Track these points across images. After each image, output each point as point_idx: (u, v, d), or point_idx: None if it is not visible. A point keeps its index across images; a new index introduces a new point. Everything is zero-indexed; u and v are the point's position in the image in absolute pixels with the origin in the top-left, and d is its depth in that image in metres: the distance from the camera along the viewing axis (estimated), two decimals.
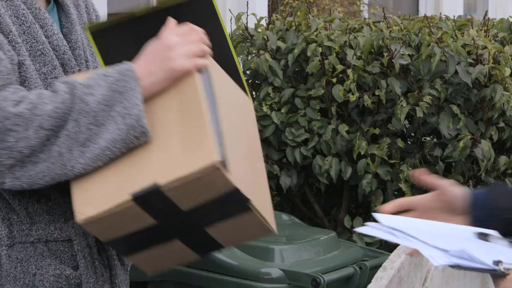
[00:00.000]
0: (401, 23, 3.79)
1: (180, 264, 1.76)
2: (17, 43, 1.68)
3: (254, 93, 3.81)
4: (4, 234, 1.70)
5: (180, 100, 1.61)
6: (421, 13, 7.82)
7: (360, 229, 1.48)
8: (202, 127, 1.54)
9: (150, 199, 1.52)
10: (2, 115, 1.57)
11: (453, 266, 1.33)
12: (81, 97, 1.59)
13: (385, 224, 1.48)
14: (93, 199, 1.54)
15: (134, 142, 1.59)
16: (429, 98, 3.47)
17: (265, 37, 3.80)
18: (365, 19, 4.25)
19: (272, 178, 3.74)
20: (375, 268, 3.04)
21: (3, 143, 1.58)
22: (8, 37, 1.67)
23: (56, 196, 1.72)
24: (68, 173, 1.60)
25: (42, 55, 1.72)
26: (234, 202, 1.57)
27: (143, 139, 1.59)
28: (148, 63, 1.64)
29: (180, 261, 1.71)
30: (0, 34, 1.65)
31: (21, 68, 1.67)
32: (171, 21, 1.68)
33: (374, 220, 1.51)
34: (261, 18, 3.95)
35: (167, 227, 1.59)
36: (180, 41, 1.65)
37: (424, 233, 1.46)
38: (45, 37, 1.74)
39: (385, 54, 3.55)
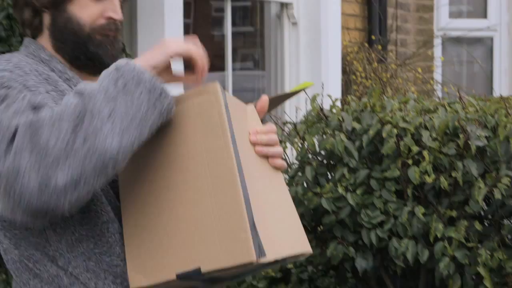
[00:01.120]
0: (477, 104, 3.77)
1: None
2: None
3: (329, 174, 3.81)
4: None
5: (208, 144, 1.64)
6: (496, 91, 7.77)
7: None
8: (238, 213, 1.60)
9: (194, 278, 1.66)
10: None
11: None
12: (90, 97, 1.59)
13: None
14: (144, 271, 1.69)
15: (161, 105, 1.61)
16: (508, 180, 3.42)
17: (340, 118, 3.82)
18: (439, 98, 4.24)
19: (348, 260, 3.71)
20: None
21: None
22: None
23: None
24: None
25: None
26: (272, 264, 1.71)
27: (165, 101, 1.62)
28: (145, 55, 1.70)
29: None
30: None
31: None
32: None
33: None
34: (336, 99, 3.97)
35: (212, 283, 1.74)
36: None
37: None
38: None
39: (461, 135, 3.53)
